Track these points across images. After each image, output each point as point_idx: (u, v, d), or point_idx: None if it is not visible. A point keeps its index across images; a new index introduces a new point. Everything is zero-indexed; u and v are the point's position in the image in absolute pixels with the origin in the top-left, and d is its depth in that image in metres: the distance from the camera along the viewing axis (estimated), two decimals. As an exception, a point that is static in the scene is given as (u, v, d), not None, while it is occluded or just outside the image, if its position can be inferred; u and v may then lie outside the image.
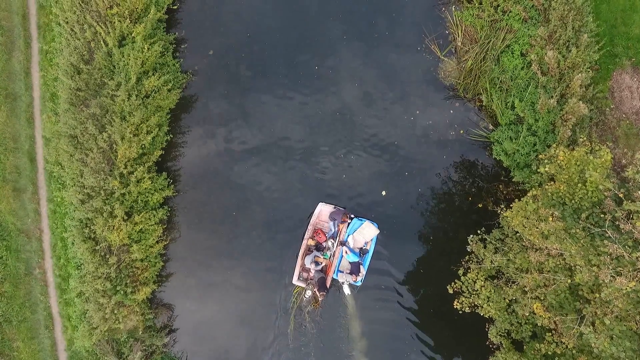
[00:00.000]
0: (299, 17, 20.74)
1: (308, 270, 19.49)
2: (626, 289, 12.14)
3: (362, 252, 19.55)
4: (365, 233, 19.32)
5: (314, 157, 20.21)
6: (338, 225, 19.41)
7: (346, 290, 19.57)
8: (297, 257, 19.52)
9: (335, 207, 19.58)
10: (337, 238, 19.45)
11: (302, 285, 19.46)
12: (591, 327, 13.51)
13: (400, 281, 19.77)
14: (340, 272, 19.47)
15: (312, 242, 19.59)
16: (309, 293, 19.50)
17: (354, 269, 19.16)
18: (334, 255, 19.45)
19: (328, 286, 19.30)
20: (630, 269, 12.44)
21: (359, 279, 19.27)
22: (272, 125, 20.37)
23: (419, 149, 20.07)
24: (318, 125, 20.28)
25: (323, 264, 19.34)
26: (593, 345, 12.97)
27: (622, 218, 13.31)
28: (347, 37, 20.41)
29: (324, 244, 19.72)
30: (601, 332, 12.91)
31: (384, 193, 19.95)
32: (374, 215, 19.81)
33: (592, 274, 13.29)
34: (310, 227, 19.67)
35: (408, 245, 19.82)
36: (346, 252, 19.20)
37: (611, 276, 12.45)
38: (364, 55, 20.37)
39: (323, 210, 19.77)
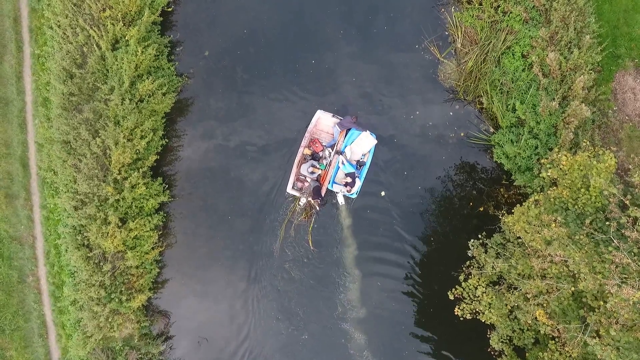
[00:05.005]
0: (296, 17, 20.42)
1: (303, 180, 19.24)
2: (632, 299, 11.84)
3: (359, 164, 19.33)
4: (363, 144, 19.02)
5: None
6: (340, 132, 19.01)
7: (340, 200, 19.34)
8: (292, 166, 19.21)
9: (334, 115, 19.20)
10: (335, 147, 19.11)
11: (296, 194, 19.19)
12: (596, 337, 13.21)
13: (400, 285, 19.50)
14: (336, 183, 19.26)
15: (308, 152, 19.26)
16: (303, 200, 19.16)
17: (350, 181, 18.94)
18: (330, 165, 19.15)
19: (323, 195, 19.03)
20: (637, 278, 12.13)
21: (354, 190, 19.07)
22: (270, 127, 20.09)
23: (418, 151, 19.80)
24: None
25: (318, 173, 19.10)
26: (599, 356, 12.67)
27: (627, 225, 13.00)
28: (345, 37, 20.08)
29: (320, 154, 19.42)
30: (607, 343, 12.60)
31: (383, 193, 19.67)
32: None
33: (596, 281, 13.00)
34: (307, 135, 19.28)
35: (407, 248, 19.52)
36: (342, 163, 18.89)
37: (617, 285, 12.14)
38: (361, 56, 20.05)
39: (321, 118, 19.35)
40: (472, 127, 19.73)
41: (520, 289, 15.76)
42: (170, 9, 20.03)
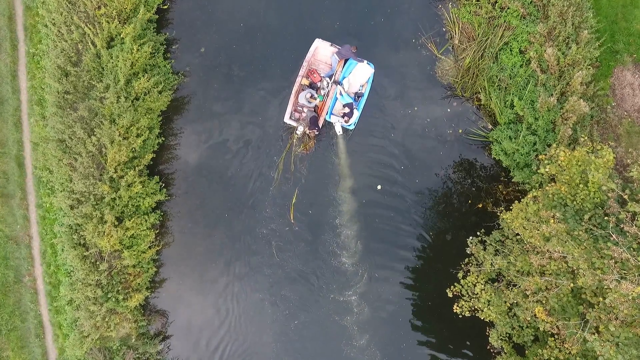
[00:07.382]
0: (292, 11, 20.32)
1: (300, 111, 19.14)
2: (632, 294, 11.75)
3: (357, 96, 19.29)
4: (360, 75, 18.93)
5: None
6: (339, 62, 18.84)
7: (338, 129, 19.26)
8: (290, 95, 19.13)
9: (332, 44, 19.05)
10: (333, 77, 18.94)
11: (294, 124, 19.10)
12: (595, 333, 13.11)
13: (397, 282, 19.40)
14: (334, 114, 19.19)
15: (305, 82, 19.14)
16: (300, 129, 19.06)
17: (348, 111, 18.86)
18: (327, 96, 19.03)
19: (320, 126, 18.97)
20: (636, 273, 12.04)
21: (351, 121, 19.01)
22: (267, 124, 19.97)
23: (416, 147, 19.70)
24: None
25: (316, 103, 19.03)
26: (598, 352, 12.57)
27: (626, 220, 12.91)
28: (341, 32, 19.95)
29: (318, 84, 19.30)
30: (606, 339, 12.51)
31: (379, 187, 19.57)
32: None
33: (595, 277, 12.90)
34: (304, 65, 19.10)
35: (404, 245, 19.42)
36: (340, 93, 18.81)
37: (616, 281, 12.05)
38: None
39: (319, 48, 19.18)
40: (470, 123, 19.62)
41: (519, 286, 15.67)
42: (166, 7, 19.96)
